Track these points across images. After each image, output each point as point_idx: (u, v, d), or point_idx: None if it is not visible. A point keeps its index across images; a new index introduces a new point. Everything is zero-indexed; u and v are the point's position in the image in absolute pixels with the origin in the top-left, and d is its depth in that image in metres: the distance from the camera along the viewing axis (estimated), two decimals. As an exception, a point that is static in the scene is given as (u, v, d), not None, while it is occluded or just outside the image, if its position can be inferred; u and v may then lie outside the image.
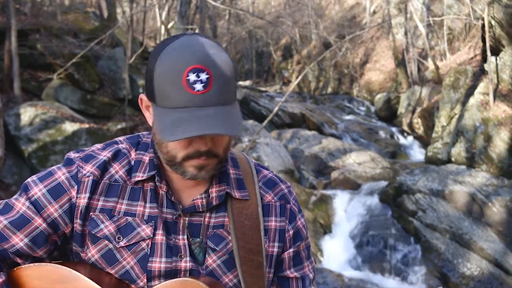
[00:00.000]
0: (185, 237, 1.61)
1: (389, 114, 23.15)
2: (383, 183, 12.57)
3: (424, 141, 17.79)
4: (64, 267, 1.57)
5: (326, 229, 11.08)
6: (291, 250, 1.73)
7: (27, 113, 12.70)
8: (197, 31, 26.69)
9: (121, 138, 1.73)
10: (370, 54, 31.90)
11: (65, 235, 1.61)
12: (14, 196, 1.61)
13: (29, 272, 1.55)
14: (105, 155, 1.65)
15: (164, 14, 31.64)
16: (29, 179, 1.63)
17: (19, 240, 1.54)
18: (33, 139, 12.12)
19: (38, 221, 1.56)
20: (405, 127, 19.99)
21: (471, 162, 12.40)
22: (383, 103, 23.90)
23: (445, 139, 14.40)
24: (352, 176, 13.19)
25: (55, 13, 20.29)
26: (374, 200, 11.82)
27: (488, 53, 13.26)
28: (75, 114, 13.96)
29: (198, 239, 1.62)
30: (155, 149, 1.64)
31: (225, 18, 35.05)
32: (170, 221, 1.61)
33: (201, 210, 1.63)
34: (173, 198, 1.62)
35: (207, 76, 1.44)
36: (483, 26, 14.11)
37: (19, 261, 1.56)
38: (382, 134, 19.93)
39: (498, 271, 9.34)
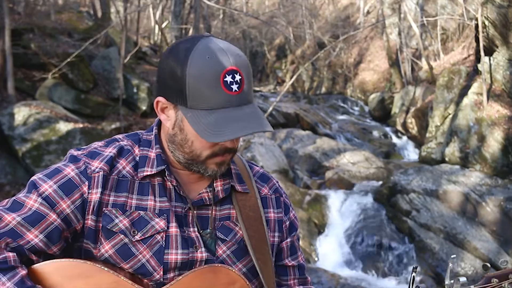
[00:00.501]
0: (196, 229, 1.67)
1: (383, 114, 23.20)
2: (377, 183, 12.61)
3: (418, 141, 17.83)
4: (85, 261, 1.57)
5: (321, 228, 11.10)
6: (288, 240, 1.83)
7: (21, 113, 12.67)
8: (191, 30, 26.66)
9: (120, 136, 1.76)
10: (364, 54, 31.95)
11: (76, 232, 1.62)
12: (21, 194, 1.61)
13: (48, 269, 1.54)
14: (110, 151, 1.68)
15: (158, 13, 31.62)
16: (35, 177, 1.63)
17: (34, 237, 1.54)
18: (27, 138, 12.09)
19: (52, 216, 1.56)
20: (399, 127, 20.03)
21: (465, 162, 12.44)
22: (377, 103, 23.94)
23: (439, 139, 14.44)
24: (346, 176, 13.21)
25: (49, 12, 20.24)
26: (368, 200, 11.85)
27: (482, 53, 13.30)
28: (69, 114, 13.93)
29: (209, 230, 1.68)
30: (162, 146, 1.70)
31: (219, 18, 35.06)
32: (181, 214, 1.66)
33: (208, 203, 1.70)
34: (181, 192, 1.67)
35: (240, 77, 1.55)
36: (476, 26, 14.16)
37: (34, 258, 1.56)
38: (376, 134, 19.97)
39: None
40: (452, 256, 1.63)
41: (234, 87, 1.53)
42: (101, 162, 1.64)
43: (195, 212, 1.68)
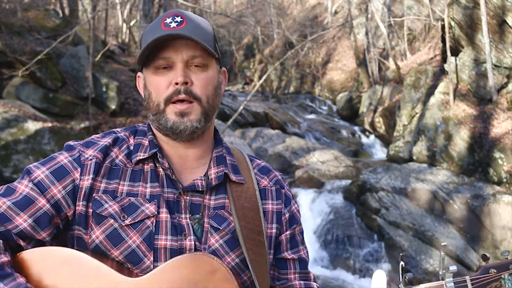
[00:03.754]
0: (188, 216, 1.66)
1: (351, 113, 23.40)
2: (347, 182, 12.72)
3: (386, 140, 18.03)
4: (67, 248, 1.58)
5: (291, 227, 11.15)
6: (287, 232, 1.80)
7: (-12, 112, 12.49)
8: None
9: (118, 129, 1.79)
10: (332, 53, 32.16)
11: (67, 219, 1.63)
12: (16, 181, 1.63)
13: (31, 256, 1.54)
14: (106, 141, 1.71)
15: (126, 12, 31.40)
16: (30, 165, 1.65)
17: (22, 221, 1.54)
18: (-5, 138, 11.92)
19: (41, 201, 1.57)
20: (367, 126, 20.24)
21: (432, 160, 12.65)
22: (345, 102, 24.14)
23: (406, 137, 14.64)
24: (316, 175, 13.30)
25: (15, 10, 19.92)
26: (338, 198, 11.96)
27: (448, 53, 13.53)
28: (38, 113, 13.77)
29: (198, 216, 1.67)
30: (153, 130, 1.74)
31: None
32: (172, 200, 1.66)
33: (200, 189, 1.69)
34: (173, 176, 1.68)
35: (182, 19, 1.63)
36: (443, 27, 14.40)
37: (22, 243, 1.56)
38: (344, 133, 20.15)
39: (460, 267, 9.55)
40: (442, 244, 1.59)
41: (173, 24, 1.62)
42: (95, 151, 1.67)
43: (187, 198, 1.67)
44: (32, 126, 12.41)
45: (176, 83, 1.62)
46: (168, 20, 1.62)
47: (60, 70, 15.85)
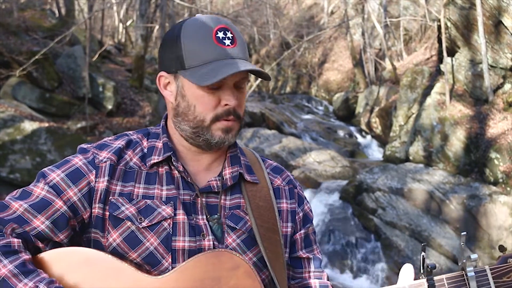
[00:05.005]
0: (204, 217, 1.67)
1: (347, 114, 23.43)
2: (343, 182, 12.74)
3: (382, 140, 18.05)
4: (87, 248, 1.59)
5: (288, 227, 11.17)
6: (302, 231, 1.83)
7: (-16, 112, 12.48)
8: (156, 29, 26.54)
9: (131, 131, 1.81)
10: (328, 54, 32.17)
11: (83, 222, 1.64)
12: (31, 184, 1.64)
13: (51, 256, 1.55)
14: (119, 143, 1.73)
15: (122, 12, 31.38)
16: (44, 168, 1.67)
17: (40, 223, 1.56)
18: (-9, 138, 11.91)
19: (58, 203, 1.59)
20: (363, 126, 20.25)
21: (428, 160, 12.67)
22: (341, 102, 24.16)
23: (402, 138, 14.67)
24: (313, 175, 13.32)
25: (11, 10, 19.89)
26: (335, 199, 11.99)
27: (444, 54, 13.56)
28: (34, 113, 13.75)
29: (216, 216, 1.69)
30: (169, 135, 1.75)
31: (184, 17, 34.91)
32: (188, 202, 1.68)
33: (216, 190, 1.71)
34: (189, 179, 1.70)
35: (232, 35, 1.65)
36: (439, 27, 14.42)
37: (40, 245, 1.57)
38: (340, 133, 20.16)
39: (456, 266, 9.56)
40: (462, 233, 1.60)
41: (227, 42, 1.63)
42: (109, 153, 1.69)
43: (203, 199, 1.69)
44: (28, 126, 12.40)
45: (226, 104, 1.65)
46: (220, 35, 1.63)
47: (57, 70, 15.82)
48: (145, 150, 1.73)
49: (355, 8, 29.33)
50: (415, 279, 1.62)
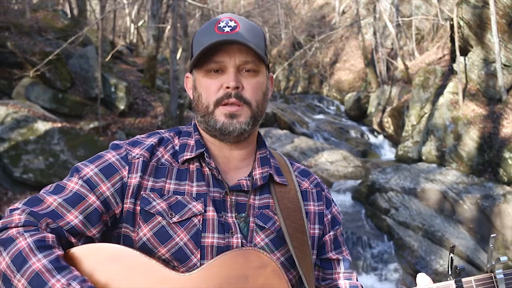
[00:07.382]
0: (233, 215, 1.69)
1: (359, 113, 23.36)
2: (356, 182, 12.71)
3: (394, 140, 17.99)
4: (116, 245, 1.60)
5: (301, 227, 11.15)
6: (331, 233, 1.84)
7: (-2, 112, 12.53)
8: (167, 29, 26.58)
9: (162, 130, 1.85)
10: (340, 53, 32.13)
11: (115, 217, 1.66)
12: (65, 179, 1.66)
13: (82, 252, 1.56)
14: (152, 140, 1.76)
15: (134, 12, 31.48)
16: (78, 163, 1.70)
17: (73, 218, 1.58)
18: (5, 138, 11.94)
19: (92, 198, 1.61)
20: (375, 126, 20.19)
21: (441, 160, 12.61)
22: (353, 102, 24.10)
23: (415, 137, 14.61)
24: (325, 175, 13.30)
25: (23, 10, 20.03)
26: (347, 199, 11.97)
27: (457, 53, 13.50)
28: (47, 113, 13.80)
29: (244, 214, 1.70)
30: (201, 133, 1.79)
31: (195, 17, 34.98)
32: (218, 199, 1.69)
33: (246, 189, 1.73)
34: (219, 176, 1.71)
35: (235, 24, 1.68)
36: (451, 26, 14.36)
37: (73, 240, 1.58)
38: (352, 133, 20.11)
39: (470, 267, 9.53)
40: (492, 235, 1.56)
41: (227, 29, 1.66)
42: (142, 150, 1.71)
43: (233, 198, 1.70)
44: (41, 126, 12.45)
45: (227, 87, 1.66)
46: (222, 24, 1.67)
47: (69, 71, 15.91)
48: (177, 147, 1.76)
49: (366, 8, 29.27)
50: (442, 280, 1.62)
